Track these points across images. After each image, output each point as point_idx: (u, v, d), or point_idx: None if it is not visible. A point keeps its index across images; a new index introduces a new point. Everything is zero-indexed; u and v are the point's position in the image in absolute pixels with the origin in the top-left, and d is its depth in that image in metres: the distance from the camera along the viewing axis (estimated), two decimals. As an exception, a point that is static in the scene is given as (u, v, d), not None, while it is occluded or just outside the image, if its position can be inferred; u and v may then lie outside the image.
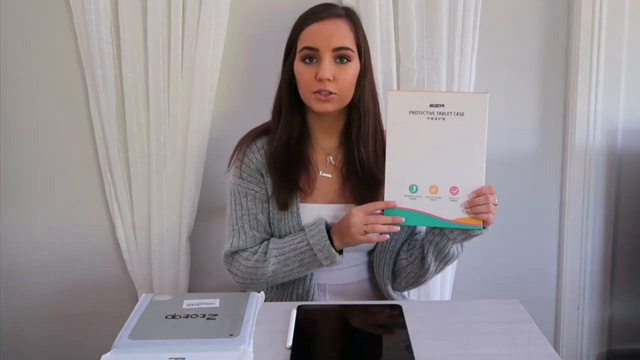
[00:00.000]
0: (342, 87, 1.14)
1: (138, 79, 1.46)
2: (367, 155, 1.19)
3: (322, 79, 1.11)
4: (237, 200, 1.21)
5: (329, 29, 1.13)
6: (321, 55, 1.12)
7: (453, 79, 1.49)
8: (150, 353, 0.89)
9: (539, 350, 0.92)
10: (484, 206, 1.05)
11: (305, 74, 1.14)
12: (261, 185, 1.20)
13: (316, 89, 1.13)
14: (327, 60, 1.12)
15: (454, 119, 1.01)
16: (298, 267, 1.15)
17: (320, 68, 1.12)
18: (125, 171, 1.53)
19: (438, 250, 1.16)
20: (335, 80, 1.13)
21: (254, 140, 1.23)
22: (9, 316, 1.66)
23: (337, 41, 1.13)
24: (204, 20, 1.41)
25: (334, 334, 0.97)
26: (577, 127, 1.59)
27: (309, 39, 1.14)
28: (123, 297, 1.64)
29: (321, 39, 1.12)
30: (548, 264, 1.72)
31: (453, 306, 1.13)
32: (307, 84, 1.14)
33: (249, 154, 1.21)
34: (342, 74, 1.13)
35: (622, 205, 1.68)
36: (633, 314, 1.74)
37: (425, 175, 1.06)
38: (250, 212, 1.20)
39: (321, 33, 1.13)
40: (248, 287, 1.20)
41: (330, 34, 1.13)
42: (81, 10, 1.41)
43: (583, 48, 1.54)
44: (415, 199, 1.07)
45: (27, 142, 1.56)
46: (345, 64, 1.14)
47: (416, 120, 1.02)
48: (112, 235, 1.60)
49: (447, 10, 1.45)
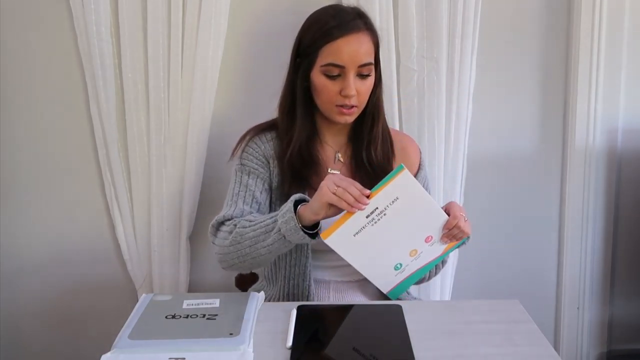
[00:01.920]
0: (363, 100, 1.17)
1: (138, 79, 1.46)
2: (377, 156, 1.22)
3: (349, 96, 1.13)
4: (238, 178, 1.22)
5: (354, 46, 1.12)
6: (346, 72, 1.13)
7: (453, 79, 1.49)
8: (150, 353, 0.89)
9: (539, 350, 0.92)
10: (457, 230, 1.08)
11: (329, 88, 1.15)
12: (265, 168, 1.21)
13: (340, 103, 1.15)
14: (352, 77, 1.13)
15: (392, 208, 1.02)
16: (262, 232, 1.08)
17: (347, 85, 1.13)
18: (125, 171, 1.53)
19: None
20: (357, 94, 1.15)
21: (261, 133, 1.25)
22: (9, 316, 1.66)
23: (362, 58, 1.13)
24: (204, 20, 1.41)
25: (334, 334, 0.97)
26: (577, 127, 1.59)
27: (335, 55, 1.13)
28: (123, 297, 1.64)
29: (348, 56, 1.12)
30: (548, 264, 1.72)
31: (453, 306, 1.13)
32: (329, 98, 1.16)
33: (256, 141, 1.23)
34: (364, 88, 1.16)
35: (622, 205, 1.68)
36: (633, 314, 1.74)
37: (400, 253, 1.10)
38: (249, 188, 1.20)
39: (347, 50, 1.12)
40: (229, 263, 1.14)
41: (356, 51, 1.13)
42: (81, 10, 1.41)
43: (583, 48, 1.54)
44: (404, 270, 1.13)
45: (27, 142, 1.56)
46: (366, 79, 1.16)
47: (364, 234, 1.03)
48: (112, 235, 1.60)
49: (447, 10, 1.45)
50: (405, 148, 1.28)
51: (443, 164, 1.54)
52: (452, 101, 1.51)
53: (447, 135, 1.53)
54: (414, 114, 1.51)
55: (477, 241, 1.66)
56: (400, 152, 1.27)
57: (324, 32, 1.13)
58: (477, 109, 1.56)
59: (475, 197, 1.63)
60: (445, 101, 1.50)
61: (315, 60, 1.15)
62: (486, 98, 1.58)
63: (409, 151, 1.28)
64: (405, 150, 1.28)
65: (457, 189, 1.57)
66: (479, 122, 1.57)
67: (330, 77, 1.14)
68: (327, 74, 1.14)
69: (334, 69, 1.13)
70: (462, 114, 1.52)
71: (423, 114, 1.50)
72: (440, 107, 1.50)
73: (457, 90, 1.50)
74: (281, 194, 1.21)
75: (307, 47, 1.16)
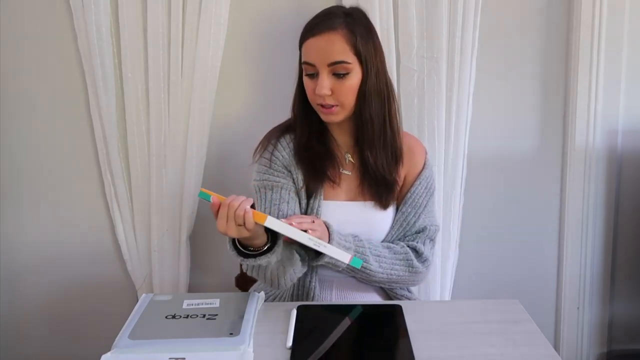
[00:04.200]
0: (342, 100, 1.15)
1: (138, 79, 1.46)
2: (375, 160, 1.21)
3: (320, 94, 1.14)
4: (262, 195, 1.21)
5: (322, 44, 1.13)
6: (318, 70, 1.14)
7: (453, 79, 1.49)
8: (150, 353, 0.89)
9: (539, 350, 0.92)
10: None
11: (309, 87, 1.17)
12: (288, 179, 1.21)
13: (318, 102, 1.16)
14: (325, 76, 1.13)
15: None
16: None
17: (318, 84, 1.14)
18: (125, 171, 1.53)
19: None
20: (334, 93, 1.14)
21: (281, 137, 1.24)
22: (9, 316, 1.66)
23: (331, 56, 1.13)
24: (204, 20, 1.41)
25: (334, 334, 0.96)
26: (577, 128, 1.59)
27: (306, 54, 1.15)
28: (123, 297, 1.64)
29: (316, 55, 1.13)
30: (548, 264, 1.72)
31: (453, 306, 1.13)
32: (311, 97, 1.18)
33: (278, 149, 1.23)
34: (341, 87, 1.14)
35: (622, 205, 1.68)
36: (633, 314, 1.73)
37: None
38: (273, 204, 1.19)
39: (316, 49, 1.13)
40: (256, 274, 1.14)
41: (324, 50, 1.13)
42: (81, 10, 1.41)
43: (583, 48, 1.54)
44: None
45: (27, 141, 1.56)
46: (343, 78, 1.14)
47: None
48: (112, 235, 1.60)
49: (447, 10, 1.45)
50: (412, 148, 1.28)
51: (443, 164, 1.54)
52: (452, 101, 1.50)
53: (447, 135, 1.53)
54: (414, 114, 1.51)
55: (477, 241, 1.67)
56: (407, 152, 1.27)
57: (303, 32, 1.17)
58: (477, 109, 1.56)
59: (475, 197, 1.63)
60: (445, 101, 1.50)
61: (300, 59, 1.18)
62: (486, 98, 1.58)
63: (415, 151, 1.28)
64: (411, 150, 1.28)
65: (457, 189, 1.57)
66: (479, 122, 1.57)
67: (308, 75, 1.16)
68: (306, 72, 1.16)
69: (308, 67, 1.15)
70: (462, 114, 1.52)
71: (423, 114, 1.50)
72: (440, 107, 1.50)
73: (457, 90, 1.50)
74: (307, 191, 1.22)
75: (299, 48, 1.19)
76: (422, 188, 1.26)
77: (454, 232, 1.59)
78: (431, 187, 1.28)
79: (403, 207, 1.25)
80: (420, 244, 1.23)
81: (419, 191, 1.25)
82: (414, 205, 1.24)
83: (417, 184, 1.25)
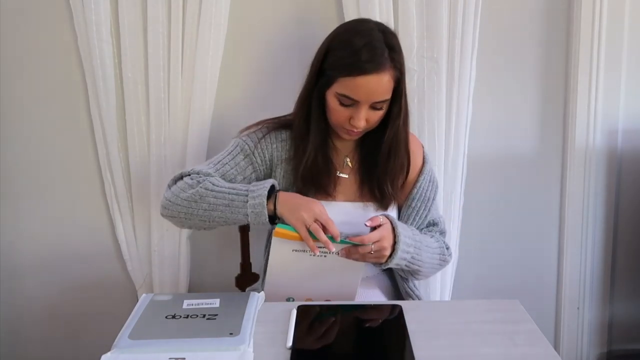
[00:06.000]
0: (371, 126, 1.17)
1: (138, 79, 1.46)
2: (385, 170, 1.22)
3: (357, 126, 1.14)
4: (234, 151, 1.22)
5: (371, 85, 1.09)
6: (360, 105, 1.12)
7: (453, 79, 1.49)
8: (150, 353, 0.89)
9: (539, 350, 0.92)
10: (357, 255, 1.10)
11: (340, 113, 1.14)
12: (263, 166, 1.23)
13: (348, 127, 1.15)
14: (364, 109, 1.12)
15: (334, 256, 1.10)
16: (224, 204, 1.11)
17: (356, 117, 1.12)
18: (125, 171, 1.53)
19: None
20: (366, 121, 1.14)
21: (279, 130, 1.24)
22: (9, 316, 1.66)
23: (377, 96, 1.12)
24: (204, 20, 1.41)
25: (334, 334, 0.96)
26: (577, 128, 1.59)
27: (351, 90, 1.10)
28: (123, 297, 1.64)
29: (363, 94, 1.10)
30: (548, 264, 1.72)
31: (453, 306, 1.13)
32: (338, 121, 1.16)
33: (271, 137, 1.23)
34: (375, 117, 1.15)
35: (622, 205, 1.68)
36: (633, 314, 1.74)
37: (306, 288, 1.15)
38: (236, 167, 1.20)
39: (364, 89, 1.10)
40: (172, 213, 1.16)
41: (372, 90, 1.10)
42: (81, 10, 1.41)
43: (583, 48, 1.54)
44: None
45: (27, 142, 1.56)
46: (379, 110, 1.14)
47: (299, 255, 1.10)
48: (112, 235, 1.60)
49: (447, 10, 1.45)
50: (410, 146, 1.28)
51: (443, 164, 1.54)
52: (452, 101, 1.50)
53: (447, 135, 1.53)
54: (414, 114, 1.50)
55: (477, 241, 1.67)
56: None
57: (347, 65, 1.10)
58: (477, 109, 1.56)
59: (475, 197, 1.63)
60: (445, 101, 1.50)
61: (332, 84, 1.13)
62: (486, 98, 1.58)
63: (413, 149, 1.28)
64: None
65: (457, 189, 1.57)
66: (479, 122, 1.57)
67: (342, 104, 1.13)
68: (341, 101, 1.13)
69: (347, 100, 1.12)
70: (462, 114, 1.52)
71: (423, 114, 1.50)
72: (440, 107, 1.50)
73: (457, 90, 1.50)
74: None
75: (328, 69, 1.13)
76: (426, 182, 1.27)
77: (454, 232, 1.59)
78: (435, 180, 1.30)
79: (412, 202, 1.26)
80: (441, 236, 1.28)
81: (424, 185, 1.27)
82: (423, 200, 1.26)
83: (422, 179, 1.27)
